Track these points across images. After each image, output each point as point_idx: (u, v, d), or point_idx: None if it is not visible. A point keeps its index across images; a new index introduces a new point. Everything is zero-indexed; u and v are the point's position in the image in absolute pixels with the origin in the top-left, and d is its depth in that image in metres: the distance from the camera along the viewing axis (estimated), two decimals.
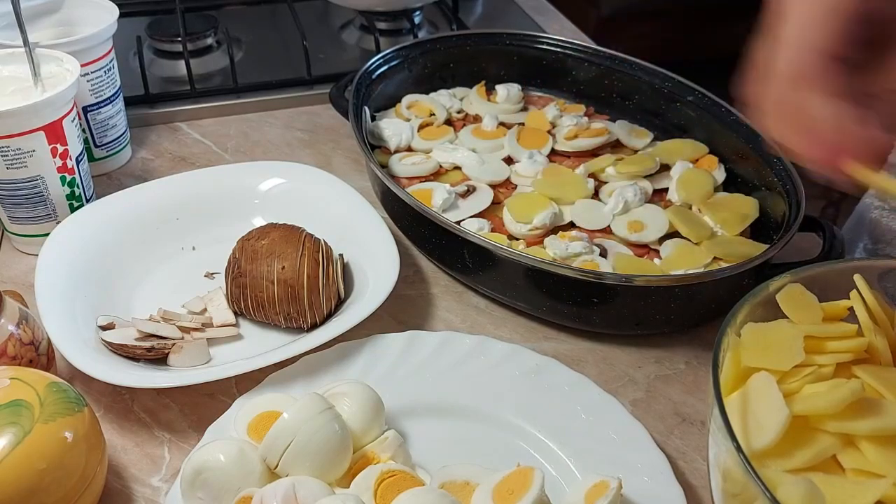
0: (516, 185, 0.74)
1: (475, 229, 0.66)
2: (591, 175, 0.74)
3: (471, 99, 0.85)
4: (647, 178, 0.74)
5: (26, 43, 0.64)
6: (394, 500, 0.45)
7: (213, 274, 0.67)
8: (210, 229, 0.69)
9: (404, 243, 0.71)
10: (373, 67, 0.81)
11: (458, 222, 0.66)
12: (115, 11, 0.75)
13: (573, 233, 0.67)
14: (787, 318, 0.47)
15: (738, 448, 0.38)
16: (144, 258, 0.67)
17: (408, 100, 0.84)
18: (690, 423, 0.58)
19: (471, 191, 0.72)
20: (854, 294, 0.48)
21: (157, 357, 0.58)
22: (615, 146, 0.80)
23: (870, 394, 0.44)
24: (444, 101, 0.84)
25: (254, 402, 0.52)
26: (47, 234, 0.63)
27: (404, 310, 0.66)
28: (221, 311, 0.63)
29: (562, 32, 1.08)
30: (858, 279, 0.48)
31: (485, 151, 0.77)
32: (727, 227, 0.68)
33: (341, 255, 0.65)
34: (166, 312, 0.61)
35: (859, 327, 0.47)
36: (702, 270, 0.63)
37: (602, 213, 0.70)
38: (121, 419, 0.56)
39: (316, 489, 0.45)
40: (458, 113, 0.84)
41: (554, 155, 0.78)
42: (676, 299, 0.61)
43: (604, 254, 0.66)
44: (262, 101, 0.91)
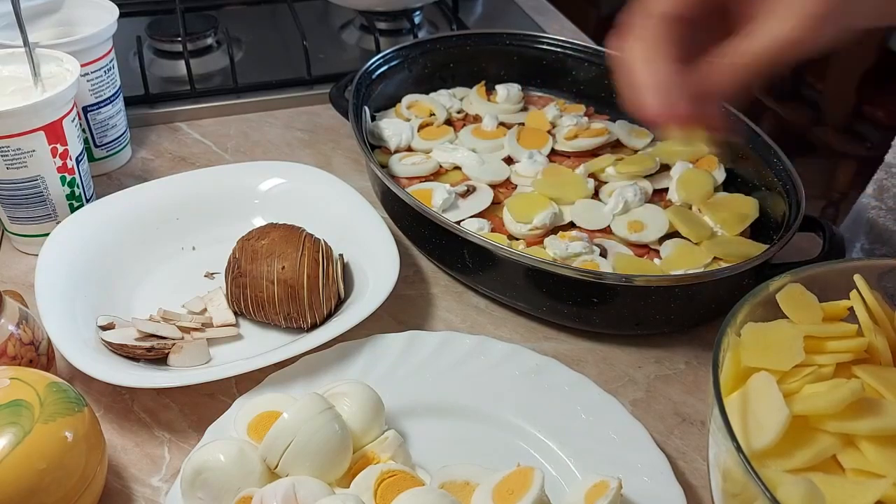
0: (516, 185, 0.74)
1: (475, 229, 0.66)
2: (591, 175, 0.74)
3: (471, 99, 0.85)
4: (647, 178, 0.74)
5: (26, 43, 0.64)
6: (394, 500, 0.45)
7: (213, 274, 0.67)
8: (210, 229, 0.69)
9: (404, 243, 0.71)
10: (373, 67, 0.81)
11: (458, 222, 0.66)
12: (115, 11, 0.75)
13: (573, 233, 0.67)
14: (787, 318, 0.47)
15: (738, 448, 0.38)
16: (144, 258, 0.67)
17: (408, 100, 0.84)
18: (690, 423, 0.58)
19: (471, 191, 0.72)
20: (854, 294, 0.48)
21: (157, 357, 0.58)
22: (615, 146, 0.80)
23: (870, 394, 0.44)
24: (444, 101, 0.84)
25: (254, 402, 0.52)
26: (47, 234, 0.63)
27: (404, 310, 0.66)
28: (221, 311, 0.63)
29: (562, 32, 1.08)
30: (858, 279, 0.48)
31: (485, 151, 0.77)
32: (727, 227, 0.68)
33: (341, 255, 0.65)
34: (166, 312, 0.61)
35: (859, 327, 0.47)
36: (702, 270, 0.63)
37: (602, 213, 0.69)
38: (121, 419, 0.56)
39: (316, 489, 0.45)
40: (458, 113, 0.84)
41: (554, 155, 0.78)
42: (676, 299, 0.61)
43: (604, 254, 0.66)
44: (262, 101, 0.91)
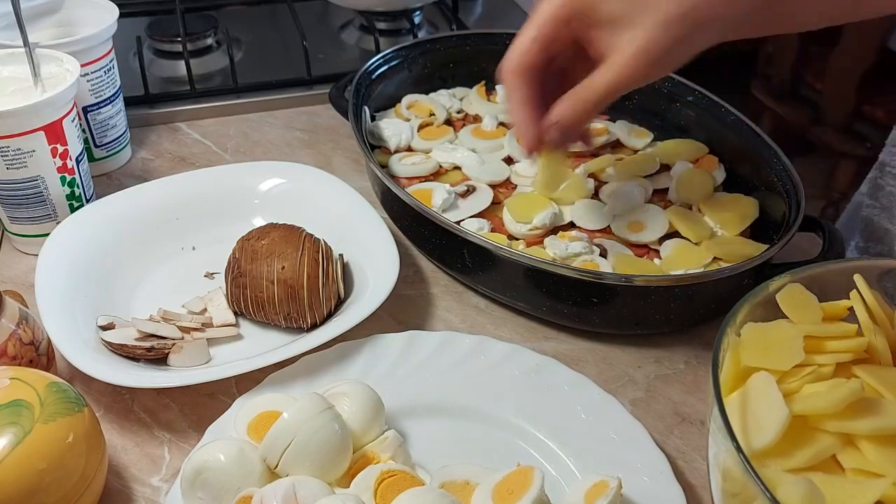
0: (516, 185, 0.74)
1: (475, 229, 0.66)
2: (591, 175, 0.74)
3: (471, 99, 0.85)
4: (647, 178, 0.74)
5: (26, 43, 0.64)
6: (394, 499, 0.45)
7: (213, 274, 0.67)
8: (210, 229, 0.69)
9: (404, 243, 0.71)
10: (372, 67, 0.81)
11: (458, 222, 0.66)
12: (115, 11, 0.76)
13: (573, 233, 0.67)
14: (787, 317, 0.47)
15: (738, 448, 0.38)
16: (144, 258, 0.67)
17: (408, 100, 0.84)
18: (690, 422, 0.58)
19: (471, 191, 0.72)
20: (854, 294, 0.48)
21: (157, 357, 0.58)
22: (615, 146, 0.80)
23: (869, 394, 0.44)
24: (443, 101, 0.84)
25: (254, 402, 0.52)
26: (47, 234, 0.63)
27: (404, 310, 0.66)
28: (221, 311, 0.63)
29: None
30: (858, 279, 0.48)
31: (485, 151, 0.77)
32: (727, 227, 0.68)
33: (341, 255, 0.65)
34: (166, 312, 0.61)
35: (859, 327, 0.47)
36: (702, 270, 0.63)
37: (602, 213, 0.69)
38: (121, 419, 0.56)
39: (316, 489, 0.45)
40: (458, 113, 0.84)
41: None
42: (676, 299, 0.61)
43: (604, 254, 0.66)
44: (262, 101, 0.91)
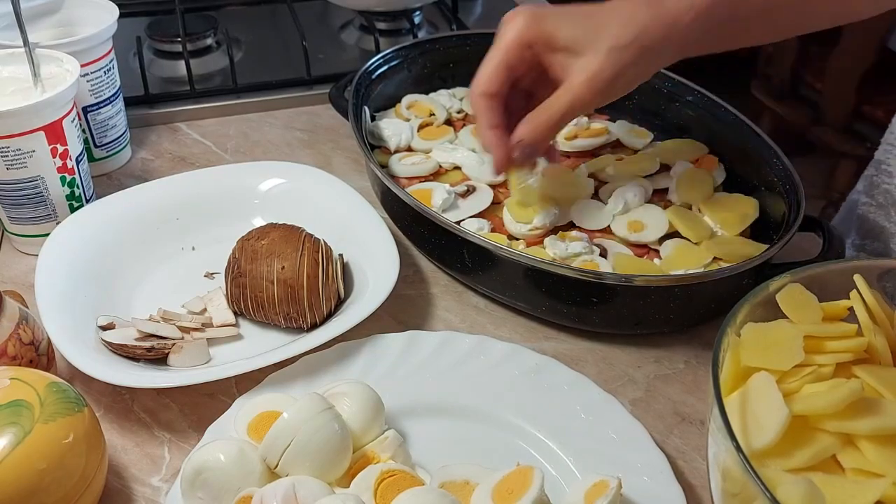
0: None
1: (475, 229, 0.66)
2: (591, 175, 0.74)
3: None
4: (647, 178, 0.74)
5: (26, 43, 0.64)
6: (394, 499, 0.45)
7: (213, 274, 0.67)
8: (210, 229, 0.69)
9: (404, 243, 0.71)
10: (372, 67, 0.81)
11: (458, 222, 0.66)
12: (115, 12, 0.76)
13: (573, 233, 0.67)
14: (787, 317, 0.47)
15: (738, 448, 0.38)
16: (144, 258, 0.67)
17: (408, 100, 0.84)
18: (690, 422, 0.58)
19: (471, 191, 0.72)
20: (854, 294, 0.48)
21: (157, 357, 0.58)
22: (615, 146, 0.80)
23: (869, 394, 0.44)
24: (443, 101, 0.84)
25: (254, 402, 0.52)
26: (47, 235, 0.63)
27: (404, 310, 0.66)
28: (221, 311, 0.63)
29: None
30: (858, 279, 0.48)
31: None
32: (727, 227, 0.68)
33: (341, 255, 0.65)
34: (166, 312, 0.61)
35: (859, 327, 0.47)
36: (702, 270, 0.63)
37: (602, 213, 0.69)
38: (121, 419, 0.56)
39: (316, 489, 0.45)
40: (458, 113, 0.83)
41: None
42: (676, 299, 0.61)
43: (604, 254, 0.66)
44: (262, 102, 0.91)
